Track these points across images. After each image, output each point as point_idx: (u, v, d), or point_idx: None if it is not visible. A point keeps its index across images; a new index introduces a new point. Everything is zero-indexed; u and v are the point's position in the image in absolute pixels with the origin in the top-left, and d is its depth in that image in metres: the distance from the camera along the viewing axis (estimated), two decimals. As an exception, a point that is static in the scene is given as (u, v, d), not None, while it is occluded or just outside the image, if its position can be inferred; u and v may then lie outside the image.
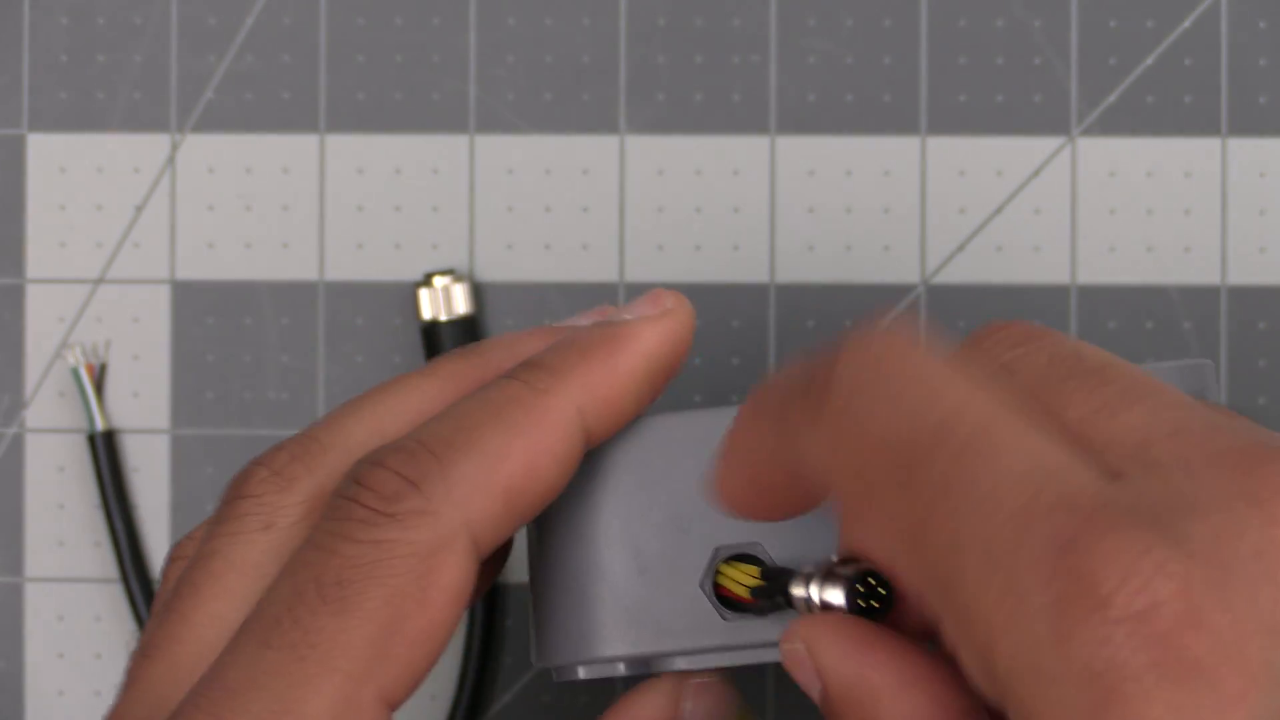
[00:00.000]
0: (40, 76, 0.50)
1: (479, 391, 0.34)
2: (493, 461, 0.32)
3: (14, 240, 0.50)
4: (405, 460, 0.32)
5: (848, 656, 0.30)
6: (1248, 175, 0.49)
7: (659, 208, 0.50)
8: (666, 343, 0.35)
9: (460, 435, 0.33)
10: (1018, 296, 0.49)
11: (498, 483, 0.32)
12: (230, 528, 0.34)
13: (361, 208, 0.50)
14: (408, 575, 0.31)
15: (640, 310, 0.35)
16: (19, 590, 0.50)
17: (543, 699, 0.49)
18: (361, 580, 0.31)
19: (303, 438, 0.35)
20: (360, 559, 0.31)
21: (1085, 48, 0.49)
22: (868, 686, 0.30)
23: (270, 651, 0.31)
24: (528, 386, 0.33)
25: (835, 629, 0.30)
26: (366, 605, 0.31)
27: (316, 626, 0.31)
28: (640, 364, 0.34)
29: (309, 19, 0.50)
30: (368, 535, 0.31)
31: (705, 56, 0.50)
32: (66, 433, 0.50)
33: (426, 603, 0.31)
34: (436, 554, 0.31)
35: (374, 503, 0.32)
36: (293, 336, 0.50)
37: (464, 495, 0.32)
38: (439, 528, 0.31)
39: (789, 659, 0.31)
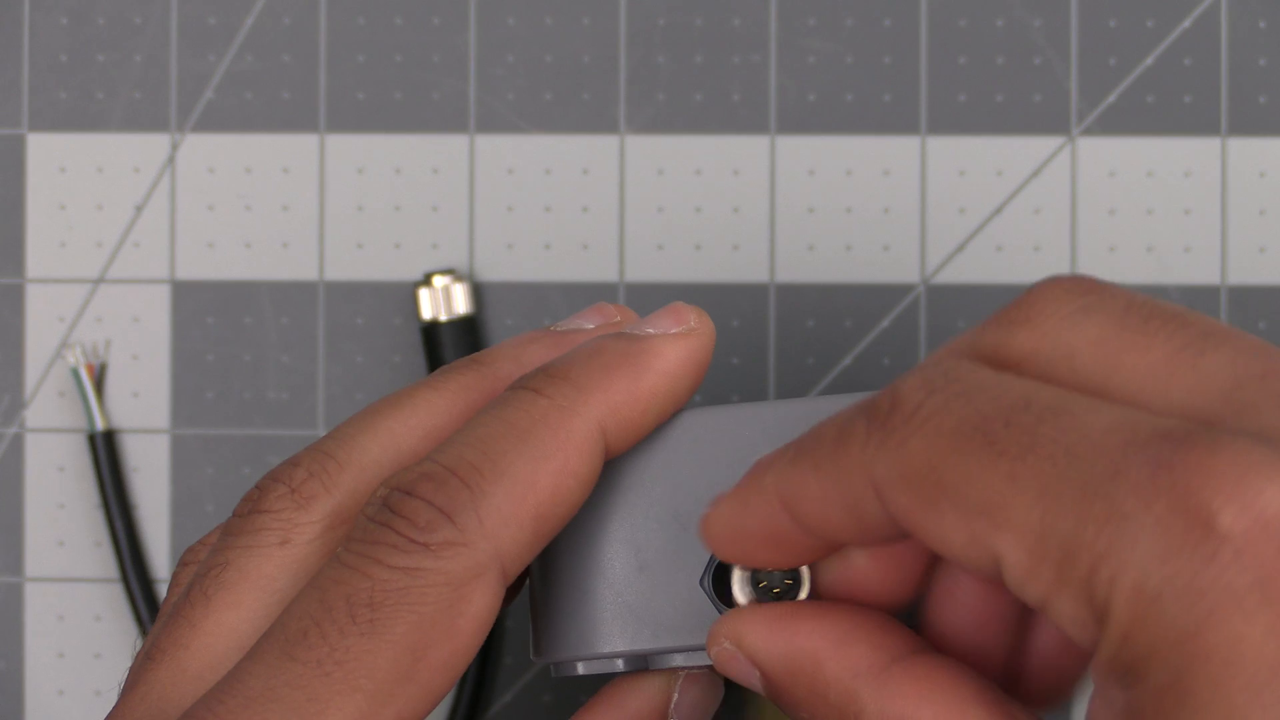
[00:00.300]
0: (40, 76, 0.50)
1: (500, 407, 0.33)
2: (523, 490, 0.32)
3: (14, 240, 0.50)
4: (437, 489, 0.32)
5: (775, 634, 0.31)
6: (1248, 175, 0.49)
7: (659, 208, 0.50)
8: (689, 362, 0.34)
9: (488, 462, 0.32)
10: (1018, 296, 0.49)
11: (527, 512, 0.32)
12: (246, 540, 0.34)
13: (361, 208, 0.50)
14: (438, 604, 0.31)
15: (662, 325, 0.35)
16: (19, 590, 0.50)
17: (543, 699, 0.49)
18: (393, 605, 0.31)
19: (318, 454, 0.35)
20: (393, 584, 0.31)
21: (1085, 48, 0.49)
22: (805, 654, 0.31)
23: (294, 664, 0.31)
24: (552, 404, 0.33)
25: (753, 617, 0.32)
26: (396, 629, 0.31)
27: (344, 645, 0.31)
28: (663, 383, 0.34)
29: (309, 19, 0.50)
30: (401, 562, 0.31)
31: (705, 56, 0.50)
32: (66, 433, 0.50)
33: (454, 631, 0.31)
34: (467, 584, 0.31)
35: (408, 531, 0.32)
36: (293, 336, 0.50)
37: (495, 526, 0.32)
38: (471, 559, 0.32)
39: (721, 661, 0.32)
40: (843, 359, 0.49)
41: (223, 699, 0.31)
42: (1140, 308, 0.29)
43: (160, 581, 0.50)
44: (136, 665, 0.34)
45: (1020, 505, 0.27)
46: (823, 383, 0.49)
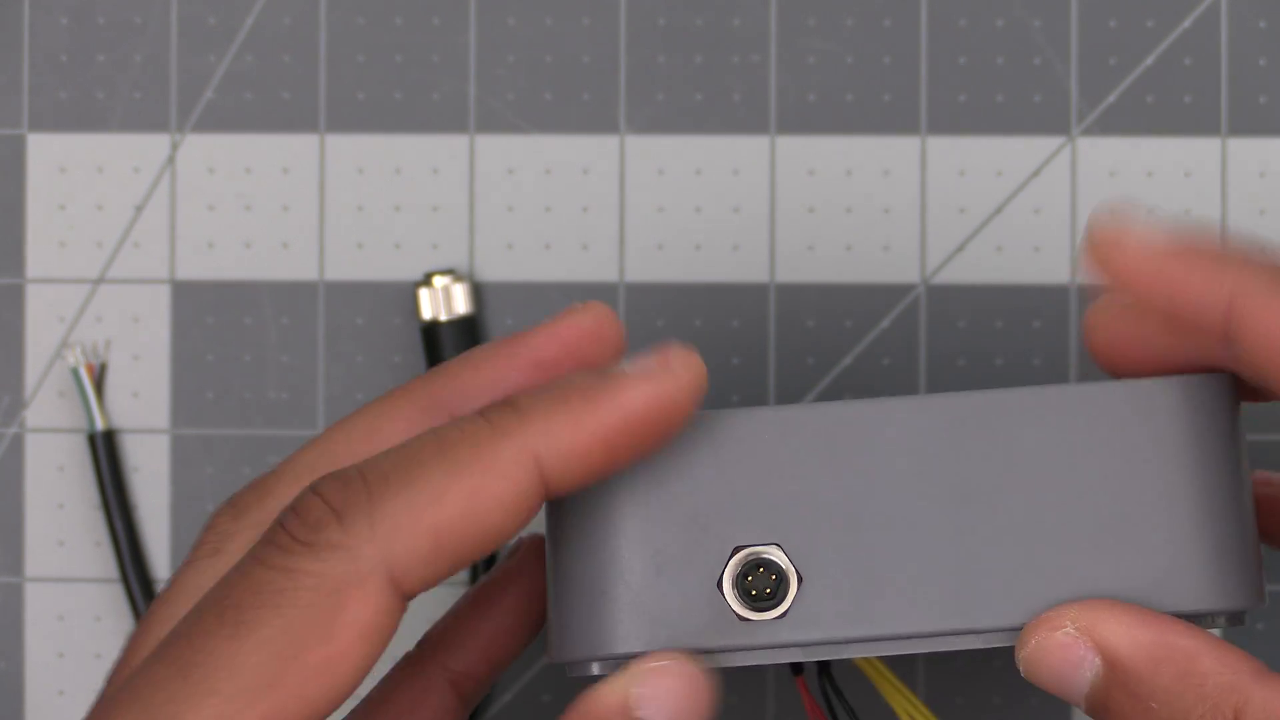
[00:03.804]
0: (40, 76, 0.50)
1: (441, 426, 0.33)
2: (425, 500, 0.32)
3: (14, 240, 0.50)
4: (337, 490, 0.32)
5: (1144, 624, 0.33)
6: (1248, 175, 0.49)
7: (659, 208, 0.50)
8: (654, 404, 0.33)
9: (399, 469, 0.32)
10: (1018, 296, 0.49)
11: (425, 523, 0.32)
12: (188, 559, 0.35)
13: (361, 208, 0.50)
14: (311, 607, 0.31)
15: (643, 364, 0.33)
16: (19, 590, 0.50)
17: (543, 699, 0.49)
18: (260, 606, 0.31)
19: (265, 473, 0.36)
20: (266, 585, 0.31)
21: (1085, 48, 0.49)
22: (1178, 647, 0.33)
23: (159, 665, 0.31)
24: (488, 425, 0.33)
25: (1110, 607, 0.34)
26: (261, 631, 0.31)
27: (207, 647, 0.31)
28: (616, 421, 0.33)
29: (309, 19, 0.50)
30: (280, 562, 0.31)
31: (705, 56, 0.50)
32: (66, 433, 0.50)
33: (330, 636, 0.31)
34: (346, 588, 0.31)
35: (297, 530, 0.31)
36: (293, 336, 0.50)
37: (387, 532, 0.31)
38: (352, 562, 0.31)
39: (1052, 647, 0.33)
40: (843, 359, 0.49)
41: (100, 705, 0.31)
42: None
43: (160, 581, 0.50)
44: None
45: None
46: (823, 383, 0.49)
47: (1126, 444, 0.35)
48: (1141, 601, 0.34)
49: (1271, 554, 0.47)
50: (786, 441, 0.35)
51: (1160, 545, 0.35)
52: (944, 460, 0.35)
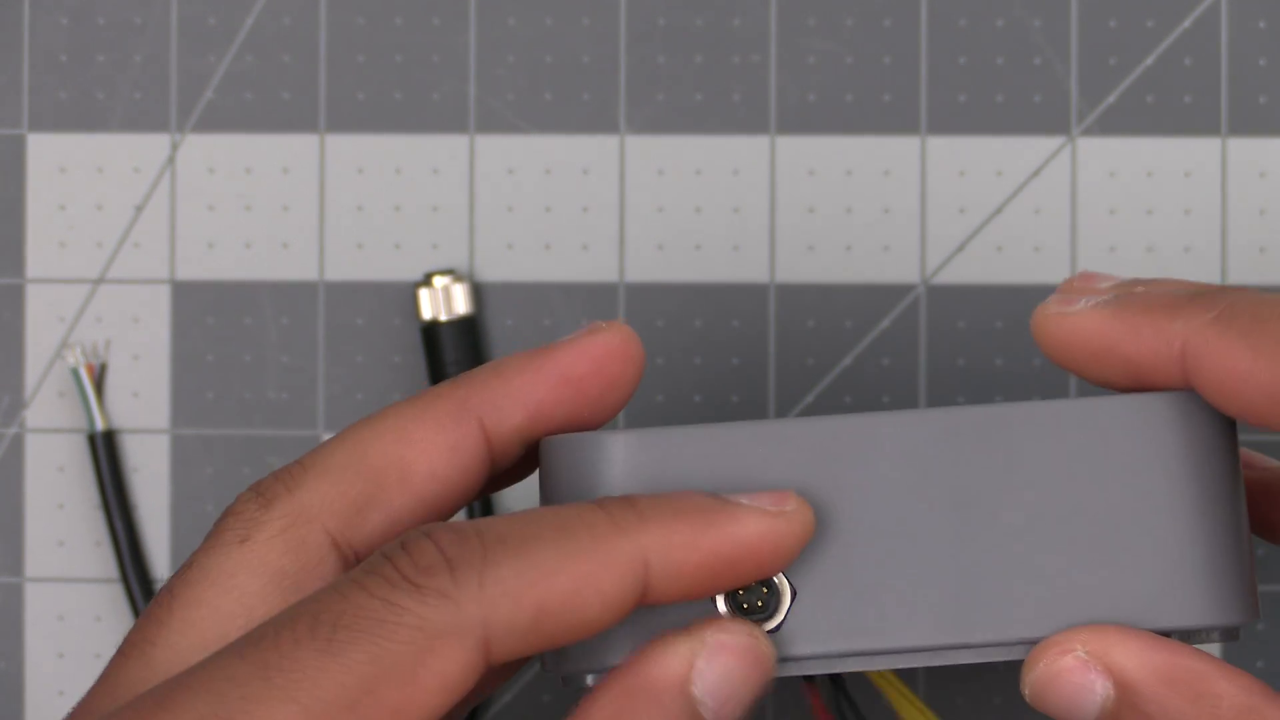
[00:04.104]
0: (40, 76, 0.50)
1: (560, 505, 0.33)
2: (536, 574, 0.32)
3: (14, 240, 0.50)
4: (452, 540, 0.32)
5: (1154, 648, 0.33)
6: (1248, 175, 0.49)
7: (659, 208, 0.50)
8: (767, 544, 0.33)
9: (515, 537, 0.32)
10: (1018, 296, 0.49)
11: (532, 596, 0.32)
12: (210, 541, 0.35)
13: (361, 208, 0.50)
14: (404, 646, 0.31)
15: (760, 500, 0.34)
16: (19, 590, 0.50)
17: (543, 699, 0.49)
18: (357, 630, 0.31)
19: (290, 465, 0.35)
20: (367, 612, 0.31)
21: (1085, 48, 0.49)
22: (1191, 670, 0.33)
23: (240, 662, 0.31)
24: (608, 518, 0.33)
25: (1119, 631, 0.34)
26: (351, 655, 0.30)
27: (295, 655, 0.30)
28: (728, 550, 0.33)
29: (309, 19, 0.50)
30: (385, 594, 0.31)
31: (705, 56, 0.50)
32: (66, 433, 0.50)
33: (413, 680, 0.31)
34: (441, 639, 0.31)
35: (406, 568, 0.31)
36: (293, 336, 0.50)
37: (494, 596, 0.31)
38: (455, 616, 0.31)
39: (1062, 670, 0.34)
40: (843, 359, 0.49)
41: (169, 686, 0.31)
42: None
43: (160, 581, 0.50)
44: (110, 661, 0.34)
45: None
46: (823, 383, 0.49)
47: (1122, 459, 0.35)
48: (1138, 616, 0.35)
49: (1272, 553, 0.47)
50: (783, 455, 0.35)
51: (1156, 560, 0.35)
52: (940, 475, 0.35)
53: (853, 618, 0.35)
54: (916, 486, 0.35)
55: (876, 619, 0.35)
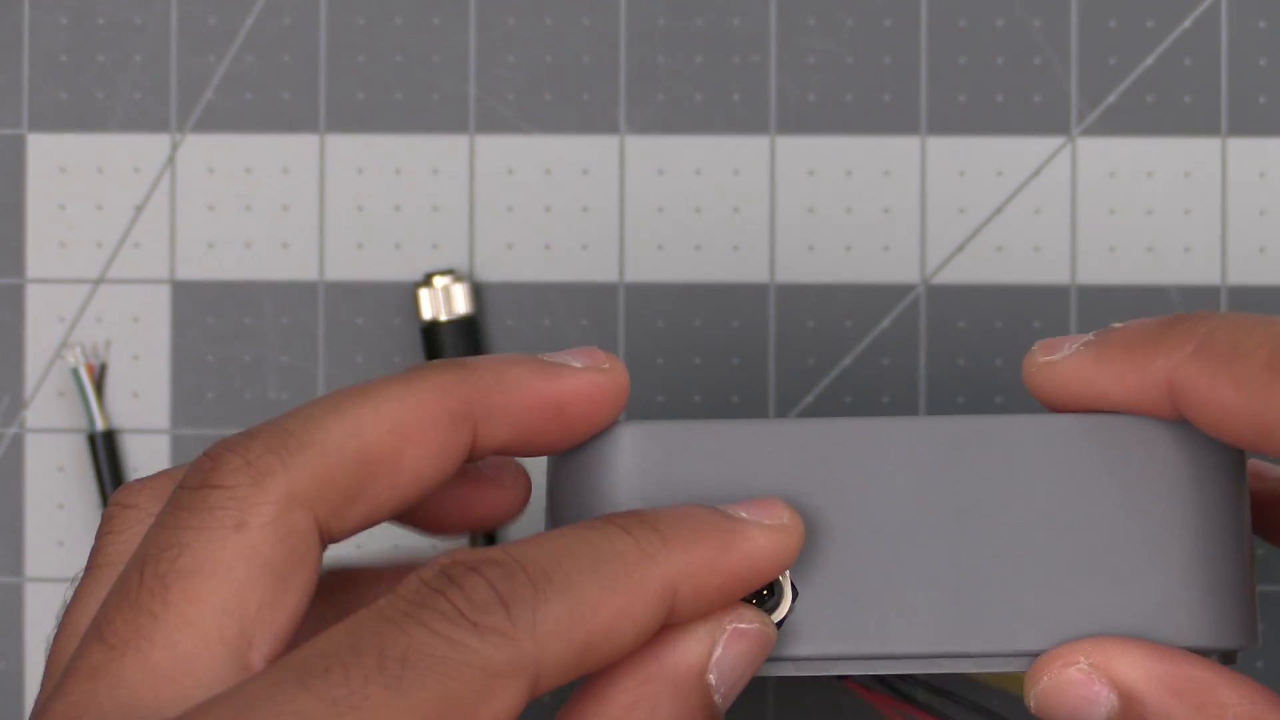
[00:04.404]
0: (40, 76, 0.50)
1: (583, 529, 0.33)
2: (583, 611, 0.32)
3: (14, 240, 0.50)
4: (502, 576, 0.31)
5: (1157, 658, 0.34)
6: (1248, 175, 0.49)
7: (659, 208, 0.50)
8: (775, 559, 0.34)
9: (560, 572, 0.32)
10: (1018, 296, 0.49)
11: (581, 635, 0.31)
12: (199, 520, 0.33)
13: (361, 208, 0.50)
14: (468, 685, 0.30)
15: (755, 513, 0.34)
16: (19, 590, 0.50)
17: (542, 699, 0.49)
18: (425, 669, 0.30)
19: (277, 429, 0.34)
20: (430, 649, 0.30)
21: (1085, 48, 0.49)
22: (1195, 679, 0.33)
23: (307, 695, 0.30)
24: (636, 545, 0.33)
25: (1121, 642, 0.34)
26: (421, 694, 0.30)
27: (365, 692, 0.30)
28: (745, 569, 0.34)
29: (309, 19, 0.50)
30: (445, 631, 0.30)
31: (705, 56, 0.50)
32: (66, 433, 0.50)
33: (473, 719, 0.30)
34: (501, 678, 0.30)
35: (461, 604, 0.31)
36: (293, 336, 0.50)
37: (548, 635, 0.31)
38: (515, 654, 0.31)
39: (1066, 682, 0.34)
40: (843, 359, 0.49)
41: (224, 714, 0.30)
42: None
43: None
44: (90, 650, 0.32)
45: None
46: (823, 383, 0.49)
47: (1126, 476, 0.35)
48: (1136, 633, 0.35)
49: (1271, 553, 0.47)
50: (787, 455, 0.35)
51: (1157, 579, 0.35)
52: (945, 483, 0.35)
53: (853, 621, 0.35)
54: (920, 493, 0.35)
55: (876, 624, 0.35)
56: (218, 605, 0.32)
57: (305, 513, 0.33)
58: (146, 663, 0.32)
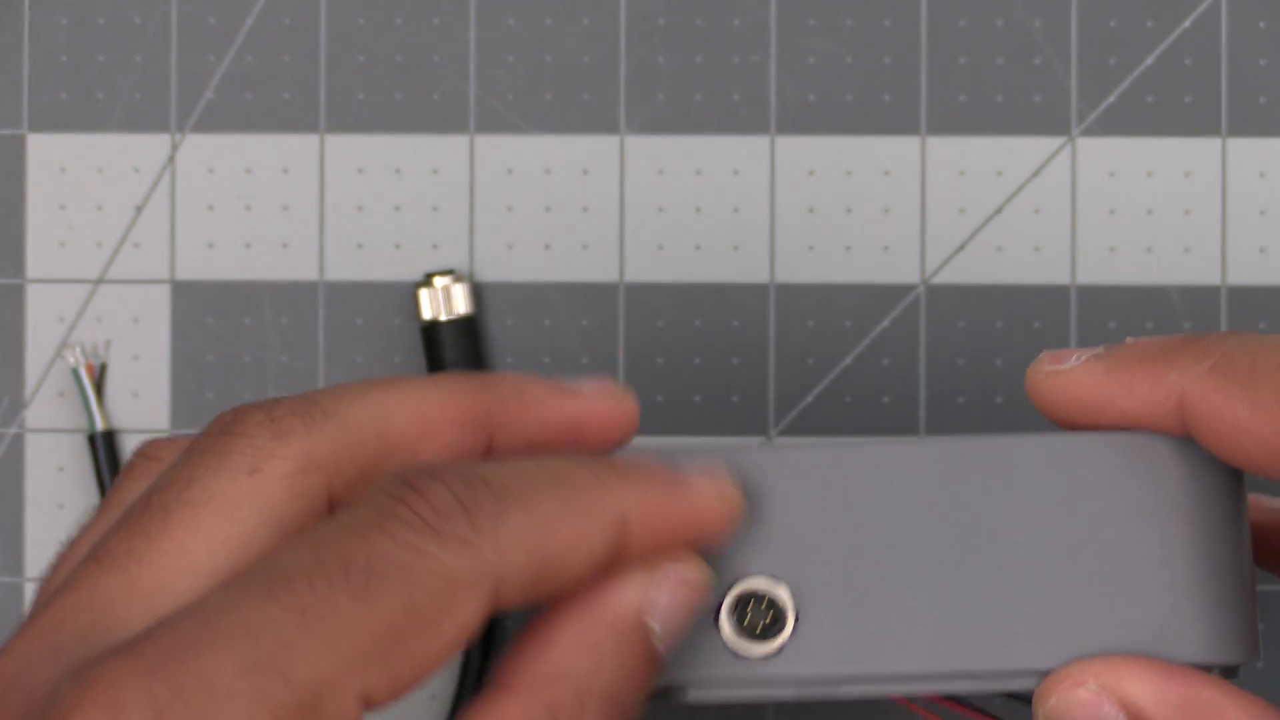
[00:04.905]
0: (40, 76, 0.50)
1: (542, 456, 0.33)
2: (542, 527, 0.32)
3: (14, 240, 0.50)
4: (463, 485, 0.31)
5: (1168, 681, 0.34)
6: (1248, 175, 0.49)
7: (659, 208, 0.50)
8: (721, 511, 0.34)
9: (521, 487, 0.32)
10: (1018, 296, 0.49)
11: (538, 546, 0.32)
12: (214, 460, 0.33)
13: (361, 208, 0.50)
14: (431, 593, 0.30)
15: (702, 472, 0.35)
16: (19, 590, 0.50)
17: (543, 699, 0.49)
18: (389, 577, 0.30)
19: (302, 399, 0.34)
20: (395, 557, 0.30)
21: (1085, 48, 0.49)
22: (1205, 701, 0.33)
23: (274, 605, 0.29)
24: (593, 474, 0.33)
25: (1132, 664, 0.34)
26: (386, 602, 0.30)
27: (331, 599, 0.29)
28: (690, 515, 0.34)
29: (309, 19, 0.50)
30: (408, 538, 0.30)
31: (705, 56, 0.50)
32: (66, 433, 0.50)
33: (436, 629, 0.30)
34: (464, 587, 0.31)
35: (422, 510, 0.31)
36: (293, 336, 0.50)
37: (507, 544, 0.31)
38: (476, 563, 0.31)
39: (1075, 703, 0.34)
40: (843, 359, 0.49)
41: (190, 625, 0.29)
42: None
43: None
44: (80, 566, 0.32)
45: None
46: (823, 383, 0.49)
47: (1129, 494, 0.35)
48: (1139, 650, 0.35)
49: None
50: (789, 480, 0.36)
51: (1159, 596, 0.35)
52: (948, 504, 0.35)
53: (857, 641, 0.35)
54: (924, 515, 0.35)
55: (880, 644, 0.35)
56: (216, 539, 0.32)
57: (320, 478, 0.33)
58: (129, 579, 0.32)
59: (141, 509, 0.33)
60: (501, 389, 0.35)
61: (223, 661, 0.29)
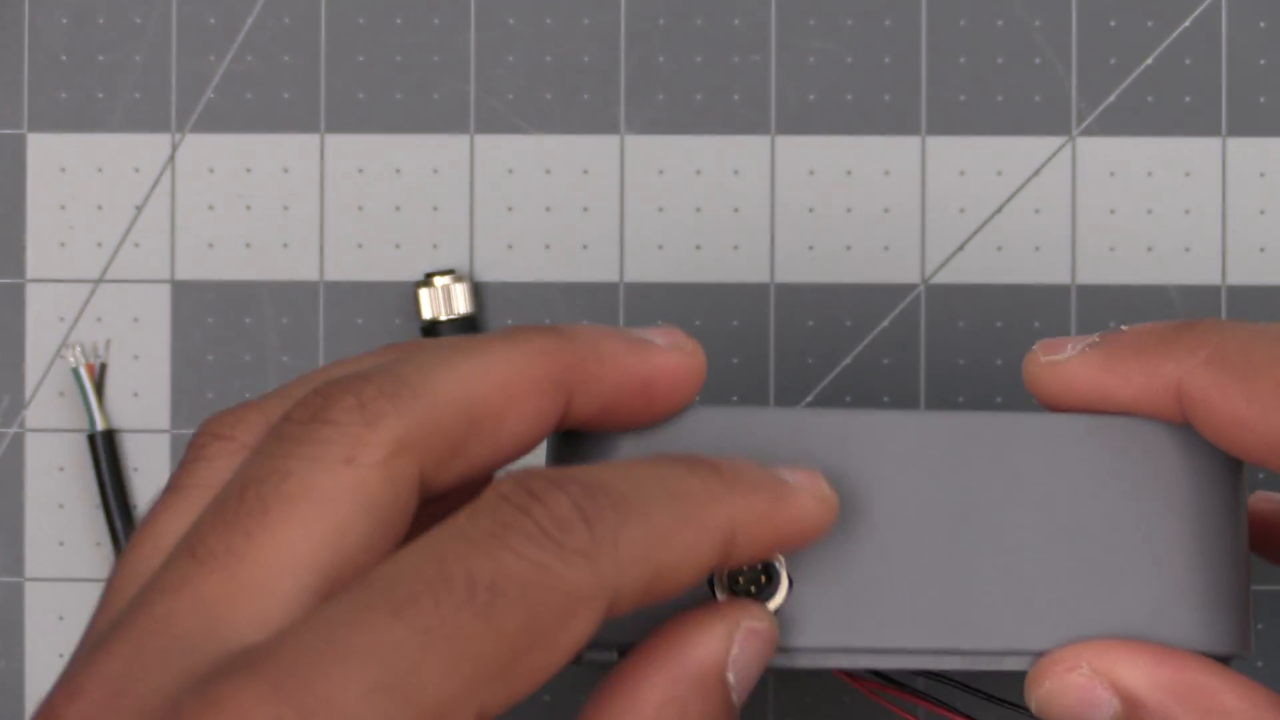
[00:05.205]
0: (40, 76, 0.50)
1: (652, 463, 0.33)
2: (658, 539, 0.31)
3: (14, 240, 0.50)
4: (584, 494, 0.31)
5: (1161, 664, 0.34)
6: (1248, 175, 0.49)
7: (659, 208, 0.50)
8: (819, 523, 0.34)
9: (637, 498, 0.31)
10: (1018, 296, 0.49)
11: (654, 559, 0.31)
12: (309, 450, 0.32)
13: (361, 208, 0.50)
14: (552, 609, 0.30)
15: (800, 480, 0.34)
16: (19, 590, 0.50)
17: (543, 699, 0.49)
18: (513, 596, 0.29)
19: (390, 375, 0.33)
20: (518, 574, 0.30)
21: (1085, 48, 0.49)
22: (1198, 685, 0.33)
23: (399, 625, 0.29)
24: (703, 484, 0.33)
25: (1124, 648, 0.34)
26: (509, 623, 0.29)
27: (456, 620, 0.29)
28: (792, 525, 0.34)
29: (309, 19, 0.50)
30: (532, 554, 0.30)
31: (705, 56, 0.50)
32: (66, 432, 0.50)
33: (554, 644, 0.30)
34: (582, 601, 0.30)
35: (545, 522, 0.30)
36: (293, 336, 0.50)
37: (626, 559, 0.31)
38: (594, 577, 0.30)
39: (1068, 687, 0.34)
40: (843, 359, 0.49)
41: (316, 642, 0.29)
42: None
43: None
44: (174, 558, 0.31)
45: None
46: (823, 383, 0.49)
47: (1129, 476, 0.35)
48: (1133, 636, 0.35)
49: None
50: (791, 444, 0.35)
51: (1156, 581, 0.35)
52: (947, 478, 0.35)
53: (848, 614, 0.35)
54: (922, 488, 0.35)
55: (872, 617, 0.35)
56: (317, 533, 0.31)
57: (412, 460, 0.32)
58: (233, 580, 0.31)
59: (236, 503, 0.32)
60: (579, 348, 0.34)
61: (349, 683, 0.28)
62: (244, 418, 0.35)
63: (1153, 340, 0.35)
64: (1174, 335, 0.35)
